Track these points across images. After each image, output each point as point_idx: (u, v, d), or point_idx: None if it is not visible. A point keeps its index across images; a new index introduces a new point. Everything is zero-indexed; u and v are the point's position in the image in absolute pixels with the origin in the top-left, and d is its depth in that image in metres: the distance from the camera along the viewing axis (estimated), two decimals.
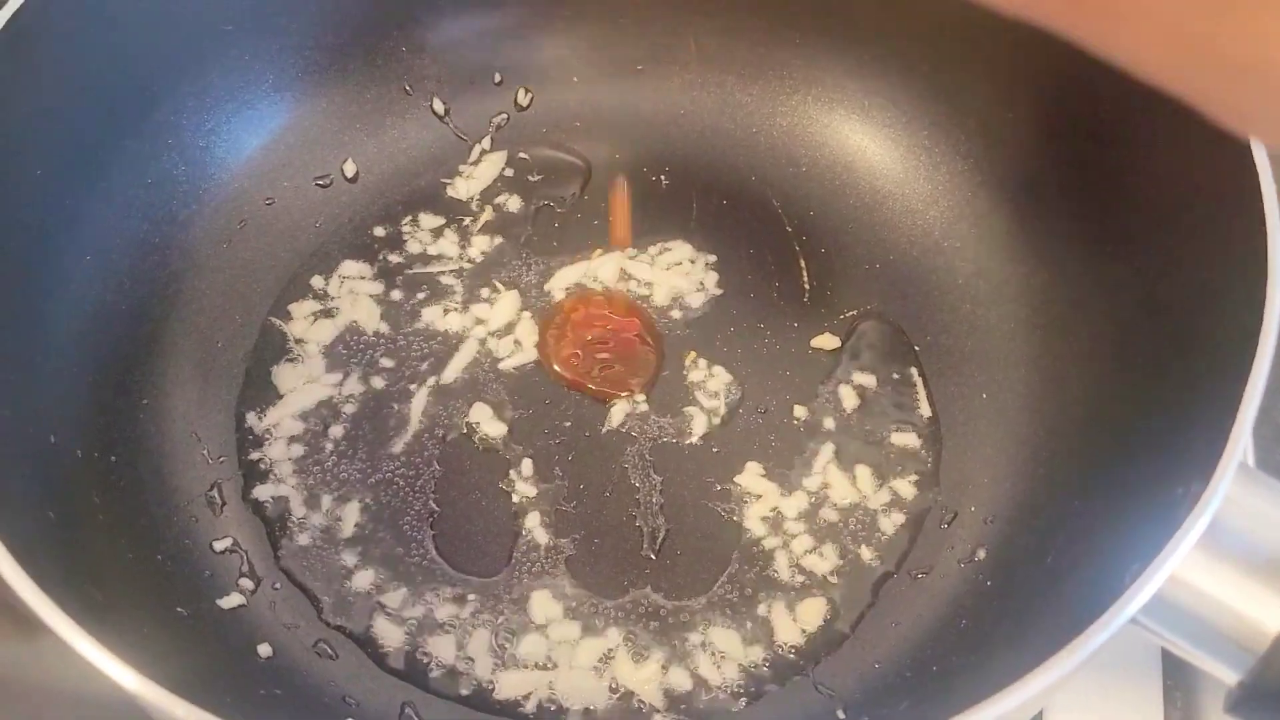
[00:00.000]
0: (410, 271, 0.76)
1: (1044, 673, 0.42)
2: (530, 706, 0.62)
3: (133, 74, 0.71)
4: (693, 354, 0.72)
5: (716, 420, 0.70)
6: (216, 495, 0.68)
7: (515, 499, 0.68)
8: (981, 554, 0.65)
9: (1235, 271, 0.52)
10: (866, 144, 0.79)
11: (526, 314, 0.74)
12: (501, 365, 0.73)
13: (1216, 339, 0.51)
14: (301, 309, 0.74)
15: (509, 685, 0.63)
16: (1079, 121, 0.68)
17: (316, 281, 0.76)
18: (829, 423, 0.70)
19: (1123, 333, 0.63)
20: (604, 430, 0.70)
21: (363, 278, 0.76)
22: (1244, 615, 0.45)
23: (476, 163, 0.80)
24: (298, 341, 0.73)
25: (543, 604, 0.65)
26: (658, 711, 0.62)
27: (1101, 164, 0.66)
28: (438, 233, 0.78)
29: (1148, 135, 0.61)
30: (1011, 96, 0.72)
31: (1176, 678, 0.65)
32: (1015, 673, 0.43)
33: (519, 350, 0.73)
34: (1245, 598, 0.45)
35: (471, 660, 0.63)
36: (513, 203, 0.79)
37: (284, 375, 0.72)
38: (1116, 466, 0.58)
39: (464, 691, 0.62)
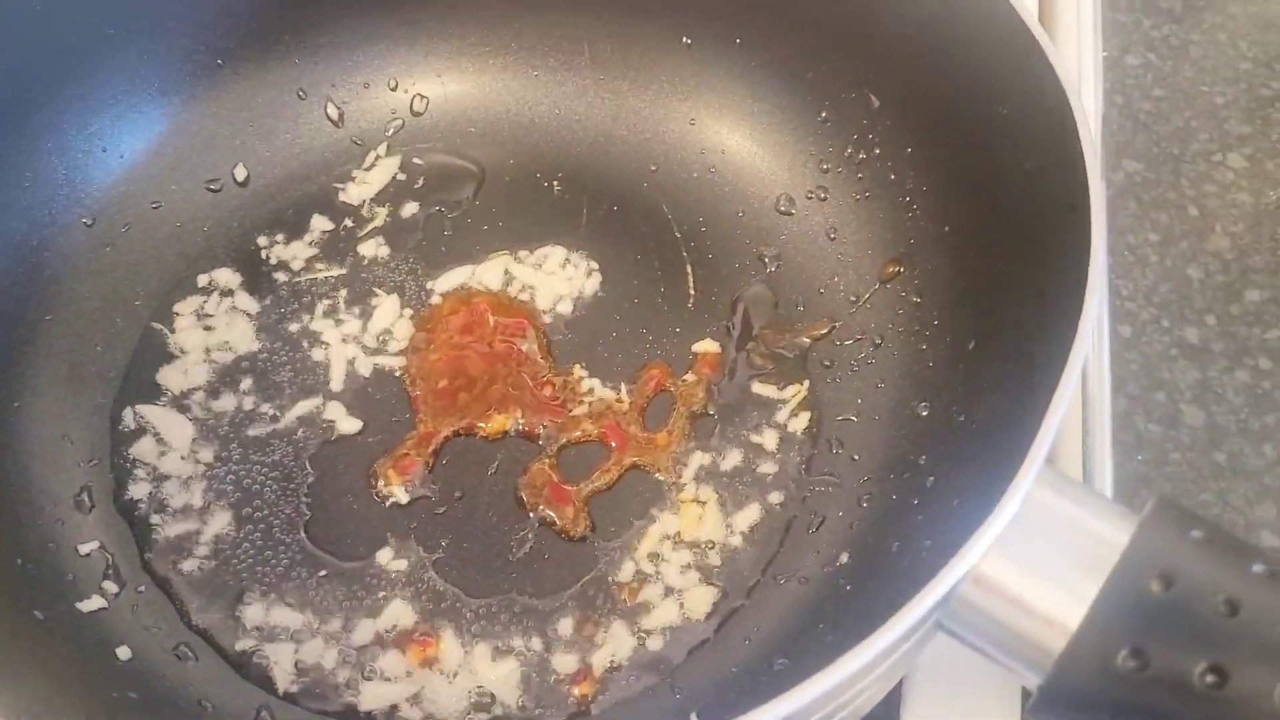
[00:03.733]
0: (298, 277, 0.76)
1: (824, 678, 0.42)
2: (391, 713, 0.62)
3: (10, 74, 0.71)
4: (577, 366, 0.72)
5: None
6: (86, 498, 0.68)
7: (386, 504, 0.68)
8: (845, 558, 0.65)
9: (1059, 283, 0.53)
10: (755, 150, 0.79)
11: (407, 313, 0.74)
12: (380, 367, 0.73)
13: (1036, 353, 0.52)
14: (184, 314, 0.74)
15: (371, 695, 0.63)
16: (956, 133, 0.68)
17: (201, 286, 0.75)
18: (704, 428, 0.70)
19: (979, 342, 0.63)
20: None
21: (238, 289, 0.75)
22: (1044, 615, 0.45)
23: (370, 168, 0.80)
24: (178, 346, 0.73)
25: (406, 609, 0.65)
26: (516, 712, 0.62)
27: (978, 171, 0.67)
28: (327, 238, 0.78)
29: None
30: (901, 104, 0.72)
31: None
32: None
33: (396, 353, 0.73)
34: (1045, 599, 0.45)
35: (334, 664, 0.63)
36: (406, 208, 0.79)
37: (163, 378, 0.72)
38: (956, 475, 0.58)
39: (322, 694, 0.62)
